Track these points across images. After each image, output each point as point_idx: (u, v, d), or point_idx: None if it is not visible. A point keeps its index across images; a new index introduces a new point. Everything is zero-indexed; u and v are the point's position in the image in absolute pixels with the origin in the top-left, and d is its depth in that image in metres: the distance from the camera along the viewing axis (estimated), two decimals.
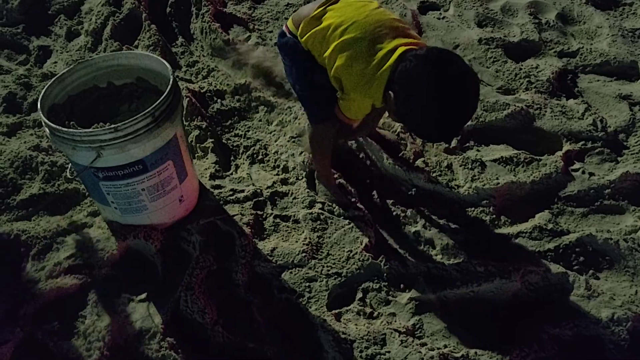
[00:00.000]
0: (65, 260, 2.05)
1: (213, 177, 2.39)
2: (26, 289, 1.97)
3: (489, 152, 2.48)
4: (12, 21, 3.30)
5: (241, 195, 2.29)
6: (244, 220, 2.21)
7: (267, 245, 2.14)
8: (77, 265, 2.04)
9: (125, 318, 1.92)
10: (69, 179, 2.33)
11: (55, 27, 3.26)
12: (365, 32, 1.82)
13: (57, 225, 2.17)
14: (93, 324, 1.89)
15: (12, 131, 2.59)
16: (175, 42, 3.11)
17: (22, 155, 2.41)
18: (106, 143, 1.80)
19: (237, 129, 2.61)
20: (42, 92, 1.95)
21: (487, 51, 2.95)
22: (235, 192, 2.31)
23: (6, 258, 2.07)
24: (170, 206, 2.12)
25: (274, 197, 2.31)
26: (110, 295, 1.98)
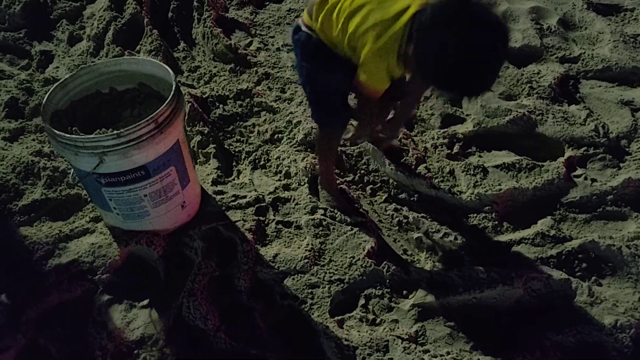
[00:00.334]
0: (68, 266, 2.05)
1: (215, 182, 2.38)
2: (28, 295, 1.97)
3: (491, 158, 2.48)
4: (14, 26, 3.30)
5: (243, 201, 2.29)
6: (246, 226, 2.20)
7: (269, 251, 2.14)
8: (79, 271, 2.04)
9: (127, 324, 1.92)
10: (71, 185, 2.33)
11: (57, 32, 3.26)
12: None
13: (59, 231, 2.17)
14: (95, 330, 1.89)
15: (14, 136, 2.59)
16: (177, 47, 3.12)
17: (24, 160, 2.41)
18: (109, 149, 1.80)
19: (239, 135, 2.61)
20: (44, 98, 1.95)
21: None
22: (238, 198, 2.31)
23: (8, 263, 2.07)
24: (173, 212, 2.11)
25: (276, 203, 2.31)
26: (112, 302, 1.98)
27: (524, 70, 2.89)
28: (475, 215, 2.27)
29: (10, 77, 2.92)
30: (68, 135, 1.81)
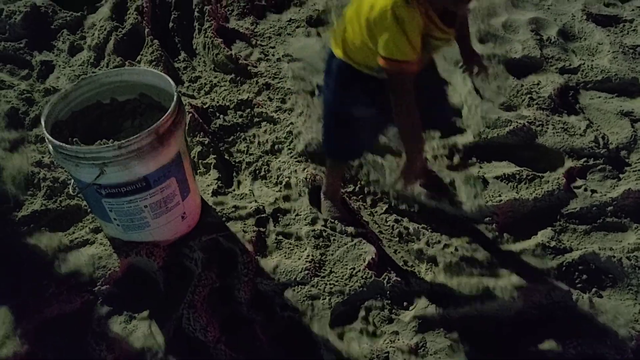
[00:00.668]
0: (67, 277, 2.05)
1: (215, 193, 2.38)
2: (28, 306, 1.97)
3: (491, 169, 2.48)
4: (14, 36, 3.30)
5: (243, 212, 2.29)
6: (247, 237, 2.20)
7: (269, 262, 2.14)
8: (79, 282, 2.04)
9: (127, 336, 1.91)
10: (71, 196, 2.33)
11: (58, 42, 3.27)
12: None
13: (59, 241, 2.17)
14: (95, 341, 1.89)
15: (14, 147, 2.59)
16: (178, 57, 3.13)
17: (24, 171, 2.41)
18: (110, 160, 1.80)
19: (239, 145, 2.62)
20: (45, 110, 1.95)
21: (489, 67, 2.95)
22: (238, 209, 2.31)
23: (8, 274, 2.07)
24: (173, 223, 2.11)
25: (277, 214, 2.31)
26: (112, 313, 1.98)
27: (523, 81, 2.90)
28: (475, 226, 2.27)
29: (11, 87, 2.93)
30: (69, 146, 1.81)
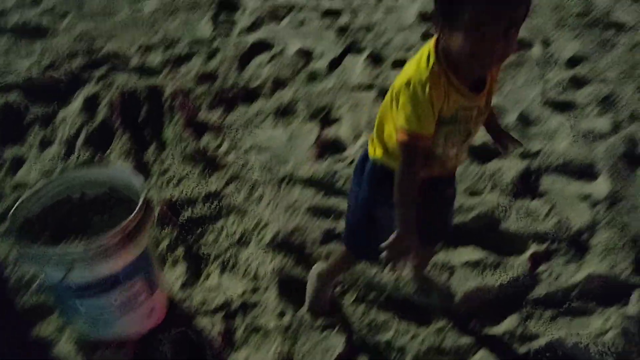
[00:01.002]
0: None
1: (184, 286, 2.37)
2: None
3: (457, 256, 2.51)
4: None
5: (212, 305, 2.28)
6: (215, 331, 2.19)
7: (238, 356, 2.12)
8: None
9: None
10: (38, 293, 2.31)
11: (29, 137, 3.30)
12: None
13: (24, 340, 2.13)
14: None
15: None
16: (148, 149, 3.17)
17: None
18: (77, 260, 1.80)
19: (208, 237, 2.63)
20: (13, 209, 1.97)
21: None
22: (206, 303, 2.30)
23: None
24: (141, 319, 2.10)
25: (245, 307, 2.30)
26: None
27: (486, 167, 2.98)
28: (443, 314, 2.27)
29: None
30: (36, 247, 1.81)
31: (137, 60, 3.89)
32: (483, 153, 3.08)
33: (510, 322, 2.24)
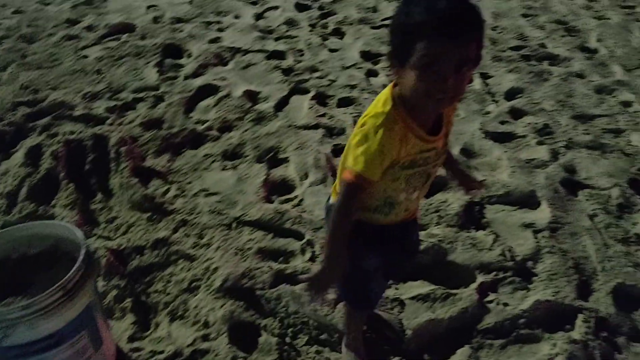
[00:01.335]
0: None
1: (132, 339, 2.32)
2: None
3: (407, 290, 2.54)
4: None
5: (161, 357, 2.24)
6: None
7: None
8: None
9: None
10: None
11: None
12: None
13: None
14: None
15: None
16: (94, 199, 3.13)
17: None
18: (16, 321, 1.75)
19: (156, 285, 2.59)
20: None
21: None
22: (155, 354, 2.25)
23: None
24: None
25: (195, 356, 2.26)
26: None
27: (431, 200, 3.04)
28: (394, 351, 2.28)
29: None
30: None
31: (82, 109, 3.86)
32: None
33: (461, 354, 2.26)
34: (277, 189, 3.18)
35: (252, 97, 4.00)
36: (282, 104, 3.95)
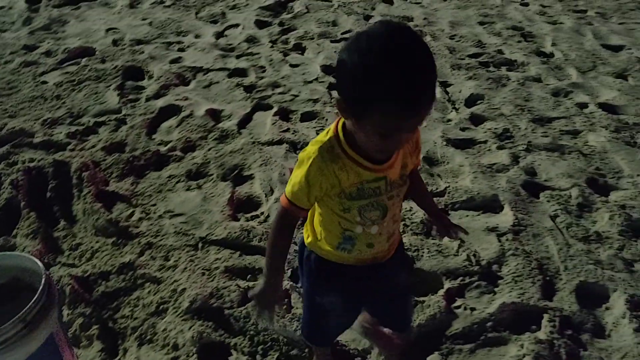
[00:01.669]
0: None
1: None
2: None
3: None
4: None
5: None
6: None
7: None
8: None
9: None
10: None
11: None
12: None
13: None
14: None
15: None
16: (57, 226, 3.08)
17: None
18: None
19: (123, 310, 2.56)
20: None
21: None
22: None
23: None
24: None
25: None
26: None
27: None
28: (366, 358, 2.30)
29: None
30: None
31: (42, 135, 3.82)
32: None
33: None
34: (243, 206, 3.18)
35: (215, 115, 4.00)
36: (245, 121, 3.95)
